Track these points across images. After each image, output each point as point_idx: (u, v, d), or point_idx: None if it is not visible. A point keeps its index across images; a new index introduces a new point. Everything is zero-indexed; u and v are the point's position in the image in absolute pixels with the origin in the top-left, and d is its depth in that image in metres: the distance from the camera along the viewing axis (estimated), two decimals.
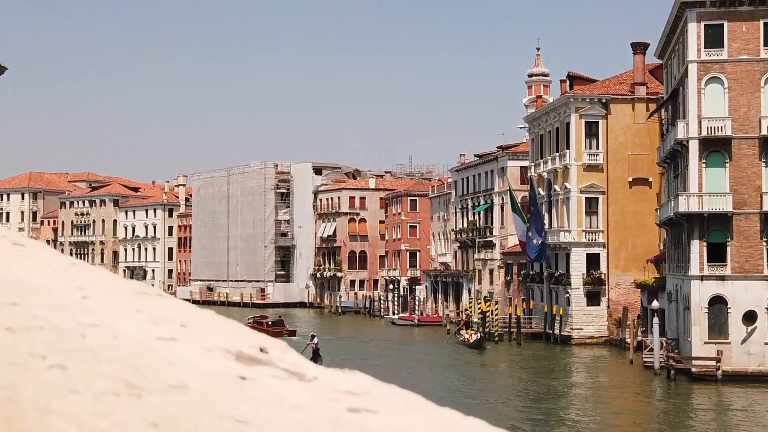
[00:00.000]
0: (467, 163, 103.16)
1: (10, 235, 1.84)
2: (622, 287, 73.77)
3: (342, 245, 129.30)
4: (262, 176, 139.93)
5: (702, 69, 54.64)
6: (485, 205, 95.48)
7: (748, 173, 54.10)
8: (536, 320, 79.81)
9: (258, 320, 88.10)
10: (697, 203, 53.98)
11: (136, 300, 1.55)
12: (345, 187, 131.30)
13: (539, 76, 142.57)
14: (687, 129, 55.05)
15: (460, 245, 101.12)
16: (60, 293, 1.44)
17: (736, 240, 53.86)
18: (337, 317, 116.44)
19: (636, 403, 47.75)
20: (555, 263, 77.32)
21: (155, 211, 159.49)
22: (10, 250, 1.72)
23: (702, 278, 53.83)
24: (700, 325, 53.61)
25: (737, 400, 47.45)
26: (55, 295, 1.42)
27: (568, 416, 43.40)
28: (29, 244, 1.82)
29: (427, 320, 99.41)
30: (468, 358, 66.30)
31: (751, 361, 52.85)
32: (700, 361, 53.16)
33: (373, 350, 70.87)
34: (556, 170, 77.39)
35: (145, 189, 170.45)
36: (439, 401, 1.31)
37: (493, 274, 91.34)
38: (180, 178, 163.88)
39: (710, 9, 54.72)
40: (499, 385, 53.44)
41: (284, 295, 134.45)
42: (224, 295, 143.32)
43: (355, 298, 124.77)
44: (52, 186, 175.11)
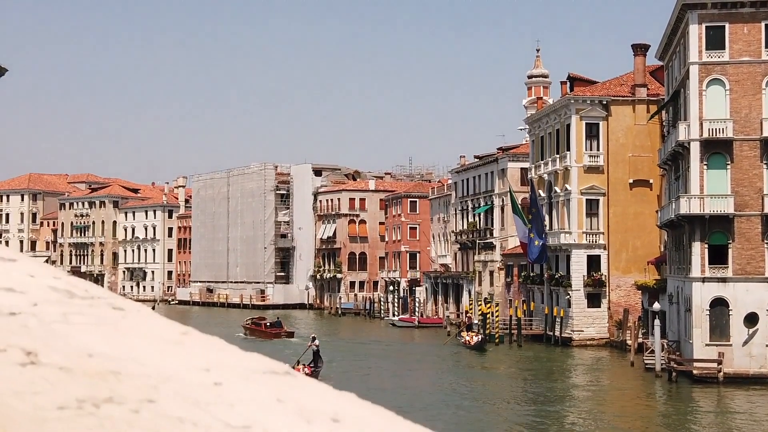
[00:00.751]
0: (467, 165, 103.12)
1: (106, 295, 1.67)
2: (622, 289, 73.73)
3: (342, 247, 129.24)
4: (262, 177, 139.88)
5: (703, 71, 54.61)
6: (485, 207, 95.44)
7: (750, 175, 54.06)
8: (537, 322, 79.75)
9: (256, 322, 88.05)
10: (699, 205, 53.95)
11: (272, 384, 1.42)
12: (345, 188, 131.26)
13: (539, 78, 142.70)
14: (688, 131, 55.01)
15: (460, 247, 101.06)
16: (191, 381, 1.32)
17: (738, 242, 53.83)
18: (337, 319, 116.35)
19: (637, 405, 47.68)
20: (555, 265, 77.28)
21: (155, 212, 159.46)
22: (112, 319, 1.56)
23: (703, 280, 53.78)
24: (702, 327, 53.55)
25: (738, 403, 47.39)
26: (188, 384, 1.30)
27: (570, 418, 43.34)
28: (128, 307, 1.65)
29: (427, 322, 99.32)
30: (469, 360, 66.24)
31: (752, 363, 52.80)
32: (701, 363, 53.09)
33: (373, 352, 70.79)
34: (556, 172, 77.36)
35: (145, 190, 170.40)
36: (439, 402, 1.30)
37: (493, 276, 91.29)
38: (180, 180, 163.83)
39: (711, 11, 54.69)
40: (500, 387, 53.35)
41: (284, 297, 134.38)
42: (224, 297, 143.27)
43: (355, 300, 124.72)
44: (51, 187, 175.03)
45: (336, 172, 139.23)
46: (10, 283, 1.55)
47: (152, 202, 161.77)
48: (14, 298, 1.48)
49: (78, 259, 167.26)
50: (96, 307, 1.57)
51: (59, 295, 1.57)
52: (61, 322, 1.44)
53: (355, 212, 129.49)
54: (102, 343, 1.38)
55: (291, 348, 68.95)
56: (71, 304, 1.55)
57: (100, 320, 1.52)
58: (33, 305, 1.47)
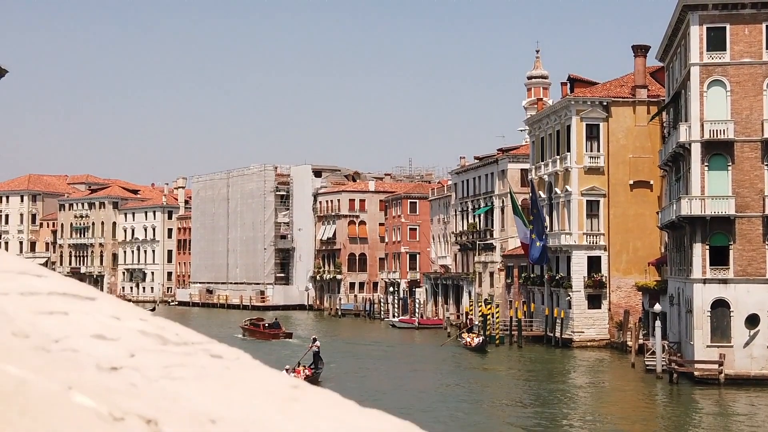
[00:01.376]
0: (467, 166, 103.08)
1: (198, 340, 1.55)
2: (623, 290, 73.70)
3: (342, 248, 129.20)
4: (262, 179, 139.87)
5: (704, 72, 54.58)
6: (486, 208, 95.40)
7: (751, 176, 54.04)
8: (537, 323, 79.70)
9: (255, 323, 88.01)
10: (700, 206, 53.91)
11: None
12: (345, 189, 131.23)
13: (538, 79, 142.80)
14: (689, 132, 54.98)
15: (460, 248, 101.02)
16: None
17: (739, 243, 53.79)
18: (337, 320, 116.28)
19: (638, 406, 47.63)
20: (556, 266, 77.24)
21: (155, 213, 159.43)
22: (215, 371, 1.43)
23: (704, 281, 53.74)
24: (703, 328, 53.51)
25: (740, 404, 47.34)
26: None
27: (571, 420, 43.29)
28: (225, 353, 1.52)
29: (427, 323, 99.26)
30: (470, 361, 66.18)
31: (753, 364, 52.75)
32: (702, 365, 53.04)
33: (373, 353, 70.73)
34: (556, 173, 77.34)
35: (145, 191, 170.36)
36: (440, 404, 1.28)
37: (493, 277, 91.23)
38: (179, 181, 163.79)
39: (712, 12, 54.66)
40: (500, 388, 53.31)
41: (284, 298, 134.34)
42: (224, 298, 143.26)
43: (355, 301, 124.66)
44: (51, 188, 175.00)
45: (336, 173, 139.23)
46: (99, 329, 1.44)
47: (152, 203, 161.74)
48: (109, 348, 1.38)
49: (77, 260, 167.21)
50: (194, 356, 1.47)
51: (152, 341, 1.48)
52: (166, 378, 1.36)
53: (355, 213, 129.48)
54: (218, 405, 1.29)
55: (289, 349, 68.94)
56: (168, 352, 1.45)
57: (204, 373, 1.41)
58: (131, 356, 1.38)
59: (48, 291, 1.55)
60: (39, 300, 1.50)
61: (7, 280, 1.56)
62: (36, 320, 1.40)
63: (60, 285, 1.59)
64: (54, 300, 1.51)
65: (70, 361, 1.31)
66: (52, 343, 1.34)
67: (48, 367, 1.28)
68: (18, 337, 1.34)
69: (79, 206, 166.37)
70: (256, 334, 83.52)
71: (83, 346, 1.36)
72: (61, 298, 1.53)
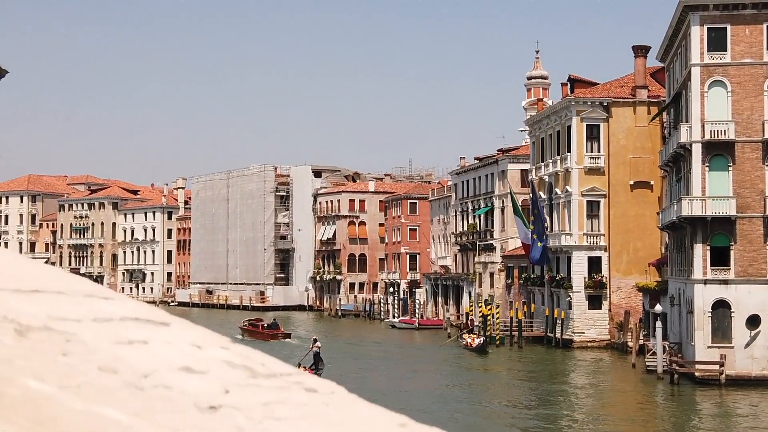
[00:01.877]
0: (467, 166, 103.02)
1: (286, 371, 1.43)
2: (623, 291, 73.65)
3: (341, 248, 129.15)
4: (262, 179, 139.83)
5: (705, 72, 54.54)
6: (486, 208, 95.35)
7: (752, 177, 54.00)
8: (537, 324, 79.65)
9: (253, 323, 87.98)
10: (701, 207, 53.87)
11: None
12: (344, 189, 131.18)
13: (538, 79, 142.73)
14: (690, 132, 54.93)
15: (460, 248, 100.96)
16: None
17: (740, 244, 53.74)
18: (337, 320, 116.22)
19: (639, 407, 47.59)
20: (556, 266, 77.19)
21: (154, 213, 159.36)
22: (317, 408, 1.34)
23: (705, 282, 53.70)
24: (704, 329, 53.47)
25: (740, 405, 47.28)
26: None
27: (572, 421, 43.23)
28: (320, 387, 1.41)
29: (427, 323, 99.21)
30: (470, 362, 66.13)
31: (754, 365, 52.71)
32: (703, 366, 53.01)
33: (373, 354, 70.68)
34: (557, 173, 77.30)
35: (144, 192, 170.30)
36: (440, 405, 1.25)
37: (493, 278, 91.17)
38: (179, 181, 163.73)
39: (713, 12, 54.62)
40: (501, 389, 53.25)
41: (284, 298, 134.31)
42: (223, 298, 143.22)
43: (355, 301, 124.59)
44: (50, 189, 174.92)
45: (336, 174, 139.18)
46: (184, 360, 1.34)
47: (152, 203, 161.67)
48: (201, 384, 1.27)
49: (77, 260, 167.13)
50: (289, 391, 1.37)
51: (241, 373, 1.36)
52: (270, 418, 1.26)
53: (355, 214, 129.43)
54: None
55: (288, 349, 68.87)
56: (262, 387, 1.34)
57: (306, 412, 1.31)
58: (226, 392, 1.29)
59: (120, 316, 1.44)
60: (114, 327, 1.39)
61: (76, 304, 1.44)
62: (118, 352, 1.31)
63: (131, 309, 1.49)
64: (129, 327, 1.41)
65: (166, 401, 1.22)
66: (142, 378, 1.25)
67: (146, 408, 1.18)
68: (106, 373, 1.24)
69: (79, 207, 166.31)
70: (254, 334, 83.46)
71: (175, 382, 1.27)
72: (135, 325, 1.43)
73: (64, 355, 1.25)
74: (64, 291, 1.48)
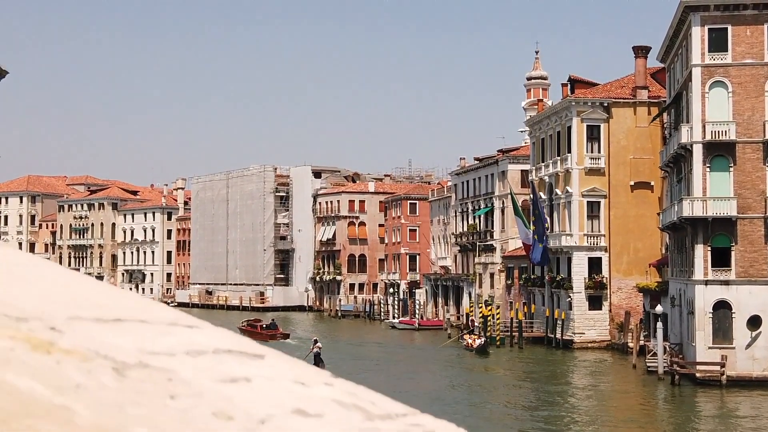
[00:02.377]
0: (467, 167, 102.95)
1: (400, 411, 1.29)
2: (623, 291, 73.61)
3: (341, 249, 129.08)
4: (262, 179, 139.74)
5: (706, 73, 54.49)
6: (486, 209, 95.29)
7: (753, 177, 53.96)
8: (537, 324, 79.59)
9: (252, 324, 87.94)
10: (701, 207, 53.82)
11: None
12: (344, 190, 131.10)
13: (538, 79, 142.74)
14: (691, 133, 54.89)
15: (460, 249, 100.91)
16: None
17: (741, 244, 53.70)
18: (337, 321, 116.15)
19: (640, 408, 47.55)
20: (556, 267, 77.15)
21: (154, 214, 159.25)
22: None
23: (706, 283, 53.65)
24: (705, 329, 53.43)
25: (742, 406, 47.26)
26: None
27: (573, 422, 43.17)
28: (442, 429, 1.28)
29: (427, 324, 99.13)
30: (471, 362, 66.09)
31: (755, 366, 52.67)
32: (704, 366, 52.96)
33: (374, 354, 70.63)
34: (557, 174, 77.25)
35: (144, 192, 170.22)
36: (441, 405, 1.20)
37: (493, 278, 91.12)
38: (179, 182, 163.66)
39: (714, 13, 54.58)
40: (502, 390, 53.19)
41: (284, 299, 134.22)
42: (223, 299, 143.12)
43: (355, 302, 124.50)
44: (50, 189, 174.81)
45: (335, 174, 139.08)
46: (295, 401, 1.19)
47: (151, 204, 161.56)
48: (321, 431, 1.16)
49: (77, 261, 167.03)
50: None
51: (357, 415, 1.24)
52: None
53: (355, 214, 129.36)
54: None
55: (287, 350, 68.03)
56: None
57: None
58: None
59: (213, 348, 1.31)
60: (210, 362, 1.25)
61: (163, 334, 1.31)
62: (225, 392, 1.17)
63: (220, 339, 1.37)
64: (225, 361, 1.28)
65: None
66: (260, 425, 1.11)
67: None
68: (222, 420, 1.10)
69: (79, 207, 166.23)
70: (253, 335, 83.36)
71: (293, 429, 1.14)
72: (230, 358, 1.30)
73: (172, 398, 1.12)
74: (147, 319, 1.37)
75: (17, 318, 1.20)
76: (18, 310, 1.23)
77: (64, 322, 1.23)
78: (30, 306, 1.27)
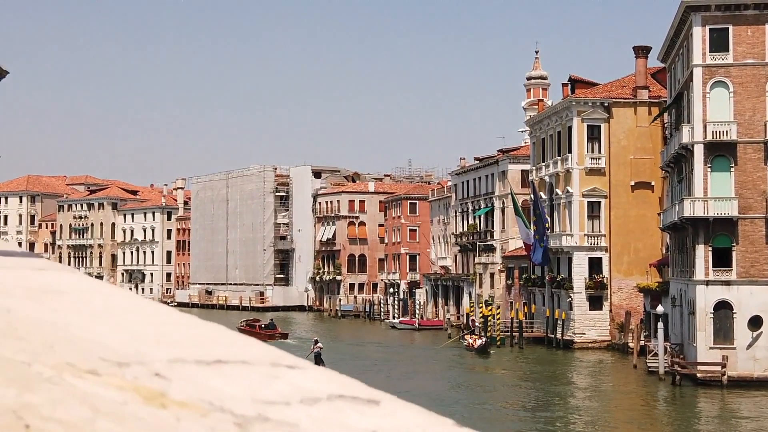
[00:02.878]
0: (467, 167, 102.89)
1: None
2: (624, 291, 73.55)
3: (341, 248, 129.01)
4: (261, 179, 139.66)
5: (707, 73, 54.45)
6: (486, 209, 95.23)
7: (754, 177, 53.91)
8: (538, 324, 79.53)
9: (251, 323, 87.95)
10: (703, 208, 53.77)
11: None
12: (344, 190, 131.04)
13: (538, 79, 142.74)
14: (692, 133, 54.84)
15: (460, 249, 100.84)
16: None
17: (742, 245, 53.65)
18: (337, 321, 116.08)
19: (641, 408, 47.51)
20: (557, 267, 77.09)
21: (154, 214, 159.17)
22: None
23: (707, 283, 53.61)
24: (706, 330, 53.39)
25: (743, 406, 47.22)
26: None
27: (573, 422, 43.11)
28: None
29: (427, 324, 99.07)
30: (472, 362, 66.04)
31: (756, 366, 52.63)
32: (705, 367, 52.93)
33: (374, 355, 70.55)
34: (557, 174, 77.19)
35: (144, 192, 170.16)
36: (443, 407, 1.16)
37: (494, 278, 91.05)
38: (179, 182, 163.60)
39: (715, 13, 54.53)
40: (503, 390, 53.13)
41: (283, 299, 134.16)
42: (223, 299, 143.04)
43: (355, 302, 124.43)
44: (50, 189, 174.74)
45: (335, 174, 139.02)
46: None
47: (151, 203, 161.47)
48: None
49: (77, 261, 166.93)
50: None
51: None
52: None
53: (355, 214, 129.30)
54: None
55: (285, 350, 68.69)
56: None
57: None
58: None
59: (326, 394, 1.19)
60: (328, 411, 1.14)
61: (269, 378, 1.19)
62: None
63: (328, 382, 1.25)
64: (342, 409, 1.16)
65: None
66: None
67: None
68: None
69: (78, 207, 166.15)
70: (252, 335, 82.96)
71: None
72: (346, 406, 1.18)
73: None
74: (248, 359, 1.26)
75: (118, 363, 1.08)
76: (114, 352, 1.11)
77: (166, 366, 1.12)
78: (123, 346, 1.14)
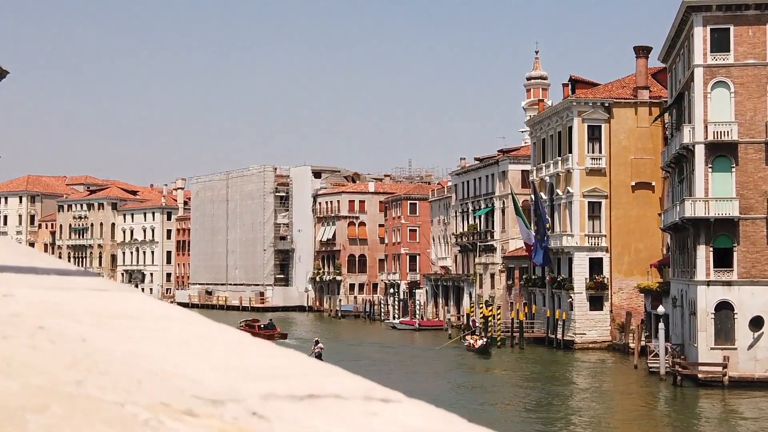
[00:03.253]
0: (467, 167, 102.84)
1: None
2: (624, 292, 73.49)
3: (341, 249, 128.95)
4: (261, 180, 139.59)
5: (708, 73, 54.39)
6: (486, 209, 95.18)
7: (755, 178, 53.85)
8: (538, 325, 79.49)
9: (250, 324, 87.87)
10: (703, 208, 53.71)
11: None
12: (344, 190, 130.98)
13: (538, 80, 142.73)
14: (693, 133, 54.79)
15: (460, 249, 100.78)
16: None
17: (743, 245, 53.59)
18: (337, 321, 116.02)
19: (642, 409, 47.46)
20: (557, 267, 77.04)
21: (153, 214, 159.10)
22: None
23: (708, 283, 53.55)
24: (707, 330, 53.34)
25: (744, 407, 47.17)
26: None
27: (574, 423, 43.07)
28: None
29: (427, 324, 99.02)
30: (471, 363, 65.99)
31: (757, 366, 52.58)
32: (706, 367, 52.89)
33: (375, 355, 70.51)
34: (558, 174, 77.14)
35: (144, 192, 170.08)
36: (442, 407, 1.16)
37: (494, 279, 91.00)
38: (179, 182, 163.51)
39: (716, 13, 54.48)
40: (503, 390, 53.08)
41: (283, 299, 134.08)
42: (223, 299, 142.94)
43: (355, 302, 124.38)
44: (50, 189, 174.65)
45: (335, 174, 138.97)
46: None
47: (151, 204, 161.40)
48: None
49: (76, 261, 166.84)
50: None
51: None
52: None
53: (355, 214, 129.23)
54: None
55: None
56: None
57: None
58: None
59: None
60: None
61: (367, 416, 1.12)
62: None
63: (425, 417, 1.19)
64: None
65: None
66: None
67: None
68: None
69: (78, 207, 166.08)
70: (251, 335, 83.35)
71: None
72: None
73: None
74: (340, 393, 1.19)
75: (212, 401, 1.01)
76: (205, 388, 1.05)
77: (260, 404, 1.05)
78: (213, 381, 1.09)
